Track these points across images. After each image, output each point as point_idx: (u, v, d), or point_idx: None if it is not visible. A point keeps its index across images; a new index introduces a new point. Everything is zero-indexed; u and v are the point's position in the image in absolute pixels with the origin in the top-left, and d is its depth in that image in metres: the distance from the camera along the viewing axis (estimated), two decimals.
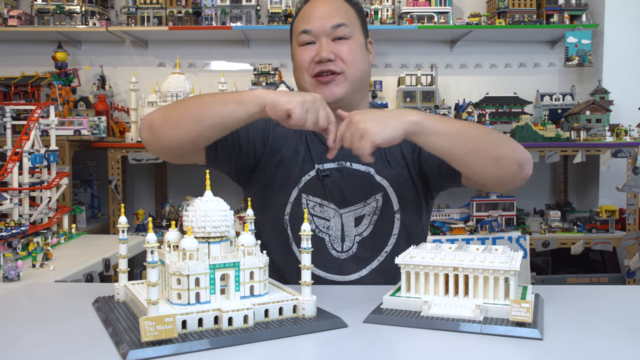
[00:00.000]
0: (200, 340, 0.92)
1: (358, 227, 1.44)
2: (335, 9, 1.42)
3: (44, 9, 3.50)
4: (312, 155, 1.47)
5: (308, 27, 1.41)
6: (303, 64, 1.41)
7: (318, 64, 1.39)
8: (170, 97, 3.10)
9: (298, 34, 1.43)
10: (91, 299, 1.22)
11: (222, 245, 1.06)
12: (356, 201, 1.44)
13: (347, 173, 1.45)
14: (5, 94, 3.30)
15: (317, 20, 1.40)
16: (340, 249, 1.44)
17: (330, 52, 1.38)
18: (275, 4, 3.51)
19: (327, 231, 1.44)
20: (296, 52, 1.44)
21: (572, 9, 3.57)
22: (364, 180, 1.44)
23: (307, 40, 1.41)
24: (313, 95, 1.21)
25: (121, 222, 1.13)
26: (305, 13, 1.44)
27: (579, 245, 3.21)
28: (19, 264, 1.74)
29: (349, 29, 1.41)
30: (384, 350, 0.93)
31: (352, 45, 1.41)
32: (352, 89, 1.42)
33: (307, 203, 1.44)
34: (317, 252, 1.36)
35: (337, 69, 1.39)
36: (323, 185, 1.44)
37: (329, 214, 1.44)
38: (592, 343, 0.95)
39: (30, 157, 2.38)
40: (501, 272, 1.06)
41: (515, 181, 1.32)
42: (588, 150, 3.21)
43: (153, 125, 1.33)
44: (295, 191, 1.45)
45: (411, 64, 3.82)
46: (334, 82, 1.39)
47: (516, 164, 1.28)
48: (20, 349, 0.95)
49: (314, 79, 1.41)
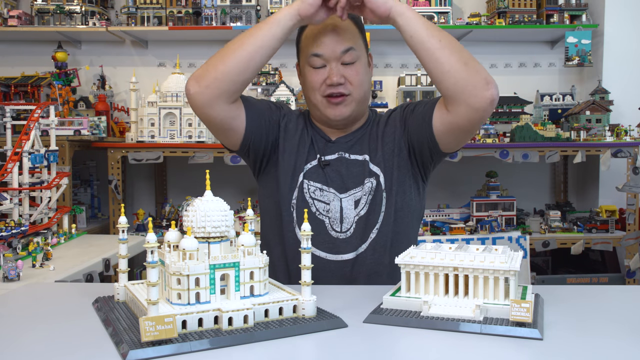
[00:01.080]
0: (200, 340, 0.92)
1: (357, 208, 1.58)
2: (344, 33, 1.54)
3: (44, 9, 3.50)
4: (316, 148, 1.63)
5: (319, 51, 1.54)
6: (315, 85, 1.56)
7: (329, 87, 1.54)
8: (170, 97, 3.11)
9: (309, 57, 1.55)
10: (91, 299, 1.22)
11: (222, 245, 1.07)
12: (354, 186, 1.59)
13: (345, 162, 1.61)
14: (5, 94, 3.30)
15: (328, 45, 1.53)
16: (340, 229, 1.57)
17: (341, 76, 1.54)
18: (275, 4, 3.51)
19: (327, 214, 1.58)
20: (307, 73, 1.58)
21: (572, 9, 3.57)
22: (360, 167, 1.60)
23: (318, 65, 1.55)
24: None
25: (121, 222, 1.14)
26: (316, 35, 1.54)
27: (579, 245, 3.21)
28: (19, 264, 1.74)
29: (356, 53, 1.55)
30: (384, 350, 0.93)
31: (358, 68, 1.56)
32: (357, 107, 1.59)
33: (309, 188, 1.58)
34: (317, 233, 1.52)
35: (345, 91, 1.55)
36: (324, 173, 1.59)
37: (328, 197, 1.58)
38: (592, 343, 0.96)
39: (30, 157, 2.38)
40: (501, 272, 1.06)
41: (482, 99, 1.37)
42: (588, 150, 3.21)
43: (198, 76, 1.46)
44: (301, 177, 1.60)
45: (411, 64, 3.82)
46: (342, 104, 1.56)
47: (482, 77, 1.38)
48: (20, 348, 0.95)
49: (325, 98, 1.56)
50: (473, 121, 1.43)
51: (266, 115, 1.60)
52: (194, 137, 3.11)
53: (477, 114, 1.40)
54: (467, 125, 1.44)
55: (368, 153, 1.60)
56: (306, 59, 1.57)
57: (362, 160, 1.60)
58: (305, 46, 1.58)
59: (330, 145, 1.63)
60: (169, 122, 3.12)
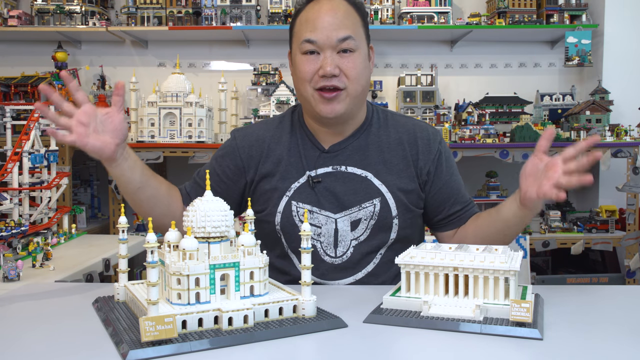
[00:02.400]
0: (200, 340, 0.92)
1: (354, 231, 1.43)
2: (342, 19, 1.37)
3: (44, 9, 3.49)
4: (304, 162, 1.46)
5: (313, 37, 1.36)
6: (306, 75, 1.38)
7: (322, 78, 1.36)
8: (170, 97, 3.10)
9: (301, 42, 1.38)
10: (91, 299, 1.22)
11: (222, 245, 1.06)
12: (351, 205, 1.42)
13: (342, 177, 1.43)
14: (5, 94, 3.30)
15: (323, 30, 1.35)
16: (334, 254, 1.43)
17: (335, 66, 1.35)
18: (275, 4, 3.51)
19: (319, 238, 1.43)
20: (299, 61, 1.40)
21: (572, 9, 3.57)
22: (360, 183, 1.43)
23: (310, 50, 1.37)
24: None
25: (121, 222, 1.14)
26: (310, 20, 1.37)
27: (579, 245, 3.21)
28: (19, 264, 1.74)
29: (355, 42, 1.37)
30: (384, 350, 0.93)
31: (356, 60, 1.38)
32: (353, 104, 1.41)
33: (297, 210, 1.43)
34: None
35: (340, 84, 1.37)
36: (315, 192, 1.43)
37: (320, 220, 1.43)
38: (592, 343, 0.95)
39: (30, 157, 2.37)
40: (501, 272, 1.06)
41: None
42: (588, 150, 3.20)
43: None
44: (285, 199, 1.44)
45: (411, 64, 3.82)
46: (336, 99, 1.38)
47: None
48: (20, 348, 0.95)
49: (317, 92, 1.38)
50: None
51: (220, 184, 1.50)
52: (194, 137, 3.11)
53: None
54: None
55: (371, 168, 1.43)
56: (298, 45, 1.39)
57: (362, 175, 1.43)
58: (298, 31, 1.40)
59: (324, 156, 1.45)
60: (169, 122, 3.12)
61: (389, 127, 1.49)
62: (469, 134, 3.24)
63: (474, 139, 3.23)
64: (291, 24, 1.46)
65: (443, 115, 3.41)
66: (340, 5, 1.38)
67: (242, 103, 3.65)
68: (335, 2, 1.38)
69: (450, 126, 3.29)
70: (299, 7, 1.44)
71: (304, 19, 1.40)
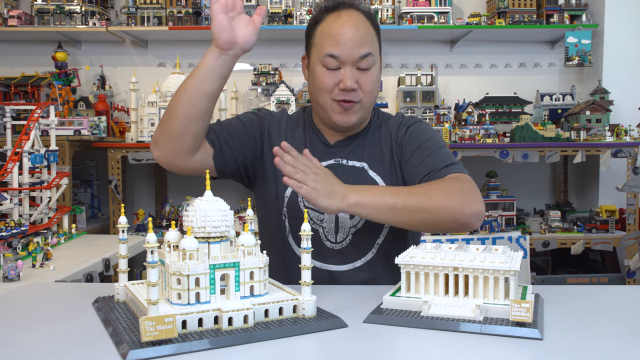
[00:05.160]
0: (200, 340, 0.92)
1: (353, 219, 1.50)
2: (363, 35, 1.46)
3: (44, 9, 3.49)
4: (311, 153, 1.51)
5: (337, 52, 1.44)
6: (326, 87, 1.47)
7: (342, 92, 1.45)
8: (170, 97, 3.10)
9: (324, 56, 1.45)
10: (91, 299, 1.22)
11: (222, 245, 1.07)
12: None
13: (342, 169, 1.52)
14: (5, 94, 3.30)
15: (346, 47, 1.44)
16: (335, 240, 1.51)
17: (355, 82, 1.45)
18: (275, 4, 3.51)
19: (321, 223, 1.51)
20: (319, 72, 1.48)
21: (572, 9, 3.57)
22: (357, 175, 1.52)
23: (333, 66, 1.46)
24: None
25: (121, 222, 1.14)
26: (333, 35, 1.45)
27: (579, 245, 3.21)
28: (19, 264, 1.74)
29: (373, 58, 1.47)
30: (384, 350, 0.93)
31: (373, 75, 1.48)
32: (366, 114, 1.53)
33: (302, 197, 1.48)
34: (311, 242, 1.41)
35: (356, 98, 1.47)
36: None
37: None
38: (592, 343, 0.96)
39: (30, 157, 2.38)
40: (501, 272, 1.06)
41: (458, 228, 1.36)
42: (588, 150, 3.21)
43: (155, 139, 1.44)
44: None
45: (411, 64, 3.82)
46: (351, 110, 1.48)
47: (455, 224, 1.33)
48: (20, 348, 0.95)
49: (335, 102, 1.47)
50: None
51: (241, 138, 1.53)
52: None
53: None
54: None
55: (367, 159, 1.54)
56: (319, 57, 1.47)
57: (360, 167, 1.53)
58: (320, 43, 1.48)
59: (328, 150, 1.56)
60: None
61: (382, 125, 1.61)
62: (469, 134, 3.25)
63: (474, 139, 3.23)
64: (309, 31, 1.54)
65: (443, 115, 3.42)
66: (360, 21, 1.47)
67: (242, 103, 3.65)
68: (354, 16, 1.46)
69: (450, 126, 3.30)
70: (318, 16, 1.51)
71: (325, 31, 1.48)
